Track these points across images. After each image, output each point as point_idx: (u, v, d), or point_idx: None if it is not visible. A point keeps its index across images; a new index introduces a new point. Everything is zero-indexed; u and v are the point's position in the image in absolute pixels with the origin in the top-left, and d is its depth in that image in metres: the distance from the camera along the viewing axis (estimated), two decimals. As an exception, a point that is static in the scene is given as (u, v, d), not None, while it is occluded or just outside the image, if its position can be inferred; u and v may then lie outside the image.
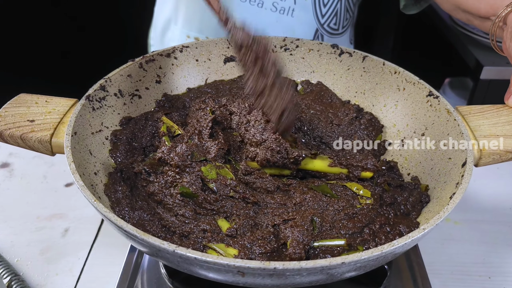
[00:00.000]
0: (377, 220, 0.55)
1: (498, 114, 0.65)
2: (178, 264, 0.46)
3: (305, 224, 0.53)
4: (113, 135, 0.68)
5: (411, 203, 0.59)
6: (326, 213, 0.56)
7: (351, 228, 0.54)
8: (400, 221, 0.56)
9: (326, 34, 1.01)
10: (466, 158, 0.57)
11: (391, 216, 0.57)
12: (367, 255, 0.42)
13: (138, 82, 0.76)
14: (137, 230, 0.45)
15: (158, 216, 0.58)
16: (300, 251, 0.50)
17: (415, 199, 0.59)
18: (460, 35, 1.50)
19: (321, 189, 0.60)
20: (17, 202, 0.84)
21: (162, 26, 1.09)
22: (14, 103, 0.65)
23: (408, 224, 0.55)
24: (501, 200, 0.86)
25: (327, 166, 0.62)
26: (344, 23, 1.03)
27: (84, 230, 0.79)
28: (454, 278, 0.71)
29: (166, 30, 1.09)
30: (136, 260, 0.68)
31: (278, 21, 0.95)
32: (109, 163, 0.65)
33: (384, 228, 0.54)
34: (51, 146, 0.61)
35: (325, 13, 0.97)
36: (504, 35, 0.66)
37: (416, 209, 0.59)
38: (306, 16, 0.96)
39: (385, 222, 0.55)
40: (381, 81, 0.79)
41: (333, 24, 1.00)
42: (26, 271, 0.71)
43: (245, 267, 0.41)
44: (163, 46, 1.08)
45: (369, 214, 0.56)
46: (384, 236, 0.53)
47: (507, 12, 0.66)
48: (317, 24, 0.98)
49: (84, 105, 0.64)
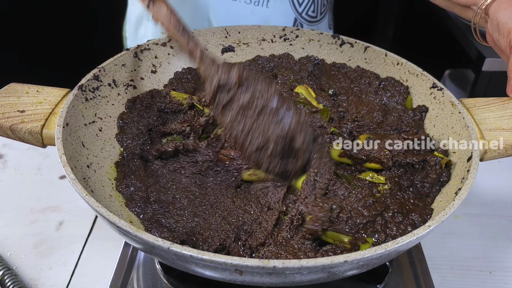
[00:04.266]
0: (391, 208, 0.55)
1: (504, 107, 0.63)
2: (173, 261, 0.44)
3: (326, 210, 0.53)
4: (120, 119, 0.68)
5: (429, 183, 0.58)
6: (347, 202, 0.56)
7: (366, 217, 0.53)
8: (415, 208, 0.55)
9: (305, 22, 0.98)
10: (472, 152, 0.56)
11: (408, 200, 0.56)
12: (370, 254, 0.41)
13: (133, 72, 0.74)
14: (130, 226, 0.43)
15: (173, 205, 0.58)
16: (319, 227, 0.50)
17: (432, 179, 0.58)
18: (461, 26, 1.47)
19: (346, 178, 0.60)
20: (10, 195, 0.83)
21: (135, 21, 1.05)
22: (3, 93, 0.63)
23: (421, 212, 0.54)
24: (502, 194, 0.85)
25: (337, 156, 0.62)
26: (322, 9, 1.00)
27: (79, 224, 0.77)
28: (454, 273, 0.70)
29: (139, 26, 1.05)
30: (131, 255, 0.67)
31: (252, 13, 0.92)
32: (106, 154, 0.63)
33: (396, 218, 0.54)
34: (42, 138, 0.59)
35: (302, 1, 0.95)
36: (489, 27, 0.65)
37: (435, 188, 0.58)
38: (282, 6, 0.94)
39: (398, 210, 0.54)
40: (383, 72, 0.77)
41: (311, 11, 0.97)
42: (19, 265, 0.70)
43: (242, 265, 0.40)
44: (137, 41, 1.04)
45: (385, 201, 0.56)
46: (396, 227, 0.53)
47: (487, 3, 0.65)
48: (295, 13, 0.96)
49: (77, 95, 0.62)
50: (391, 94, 0.73)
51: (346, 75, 0.79)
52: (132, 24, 1.07)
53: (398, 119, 0.70)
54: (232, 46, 0.83)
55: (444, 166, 0.59)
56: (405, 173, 0.60)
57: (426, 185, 0.58)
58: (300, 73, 0.80)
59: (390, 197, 0.57)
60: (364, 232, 0.52)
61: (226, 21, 0.87)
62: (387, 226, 0.53)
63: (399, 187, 0.59)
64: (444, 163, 0.59)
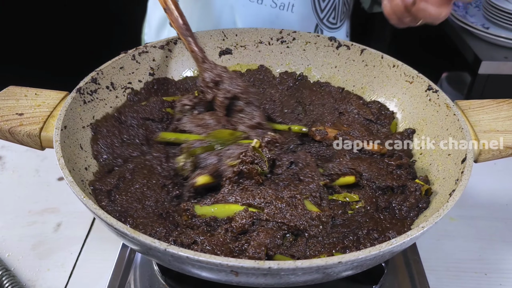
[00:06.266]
0: (365, 225, 0.53)
1: (498, 109, 0.64)
2: (169, 262, 0.45)
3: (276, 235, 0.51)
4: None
5: (407, 207, 0.57)
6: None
7: (334, 236, 0.52)
8: (392, 226, 0.54)
9: (325, 28, 0.99)
10: (466, 154, 0.56)
11: (384, 220, 0.55)
12: (365, 254, 0.41)
13: (131, 75, 0.74)
14: (127, 228, 0.43)
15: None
16: (262, 255, 0.48)
17: (410, 204, 0.57)
18: (458, 29, 1.48)
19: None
20: (8, 196, 0.83)
21: (158, 23, 1.06)
22: (2, 96, 0.63)
23: (399, 230, 0.53)
24: (497, 196, 0.86)
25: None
26: (342, 17, 1.02)
27: (77, 225, 0.78)
28: (450, 275, 0.71)
29: (162, 28, 1.06)
30: (129, 256, 0.67)
31: (278, 17, 0.93)
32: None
33: (371, 234, 0.52)
34: (40, 140, 0.59)
35: (324, 7, 0.96)
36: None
37: (413, 213, 0.57)
38: (305, 11, 0.95)
39: (373, 227, 0.53)
40: (379, 74, 0.77)
41: (332, 18, 0.98)
42: (17, 266, 0.70)
43: (238, 266, 0.40)
44: None
45: (358, 219, 0.55)
46: (370, 243, 0.51)
47: None
48: (316, 19, 0.97)
49: (75, 98, 0.63)
50: (377, 116, 0.73)
51: (330, 93, 0.79)
52: (153, 28, 1.07)
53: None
54: (230, 49, 0.83)
55: (424, 193, 0.58)
56: (383, 195, 0.59)
57: (403, 208, 0.56)
58: (279, 87, 0.80)
59: (364, 216, 0.56)
60: (332, 249, 0.51)
61: (251, 24, 0.87)
62: (360, 242, 0.51)
63: (375, 207, 0.57)
64: (424, 190, 0.58)
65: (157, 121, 0.69)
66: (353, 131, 0.68)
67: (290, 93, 0.80)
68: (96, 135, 0.64)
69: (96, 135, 0.64)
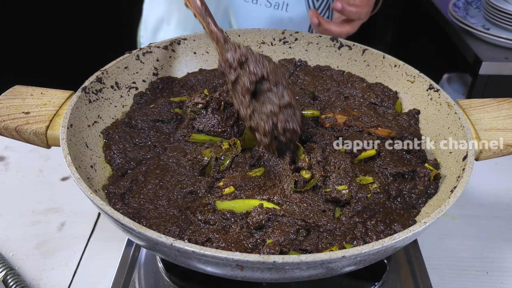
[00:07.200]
0: (375, 216, 0.54)
1: (499, 107, 0.64)
2: (175, 258, 0.45)
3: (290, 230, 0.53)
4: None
5: (416, 194, 0.58)
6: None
7: (346, 226, 0.54)
8: (399, 218, 0.55)
9: None
10: (467, 151, 0.57)
11: (394, 210, 0.56)
12: (368, 249, 0.42)
13: (135, 75, 0.75)
14: (134, 223, 0.44)
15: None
16: (276, 251, 0.49)
17: (419, 191, 0.58)
18: (459, 30, 1.49)
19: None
20: (12, 196, 0.83)
21: (154, 25, 1.06)
22: (9, 95, 0.64)
23: (404, 223, 0.54)
24: (499, 195, 0.86)
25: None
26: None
27: (81, 224, 0.78)
28: (452, 273, 0.71)
29: (158, 30, 1.06)
30: (133, 255, 0.68)
31: (272, 16, 0.94)
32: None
33: (378, 226, 0.53)
34: (47, 139, 0.60)
35: (318, 6, 0.96)
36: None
37: (422, 200, 0.58)
38: (300, 11, 0.95)
39: (382, 219, 0.54)
40: (381, 74, 0.78)
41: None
42: (21, 265, 0.70)
43: (243, 260, 0.41)
44: None
45: (372, 208, 0.56)
46: (376, 235, 0.52)
47: None
48: None
49: (80, 97, 0.63)
50: (381, 99, 0.74)
51: (332, 77, 0.80)
52: (149, 30, 1.08)
53: (396, 124, 0.69)
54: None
55: (432, 178, 0.59)
56: (394, 181, 0.60)
57: (413, 196, 0.58)
58: None
59: (378, 204, 0.57)
60: (343, 240, 0.52)
61: (246, 24, 0.88)
62: (367, 234, 0.53)
63: (387, 195, 0.59)
64: (433, 175, 0.59)
65: (167, 122, 0.70)
66: (362, 116, 0.69)
67: (293, 80, 0.81)
68: (109, 141, 0.65)
69: (108, 142, 0.64)
